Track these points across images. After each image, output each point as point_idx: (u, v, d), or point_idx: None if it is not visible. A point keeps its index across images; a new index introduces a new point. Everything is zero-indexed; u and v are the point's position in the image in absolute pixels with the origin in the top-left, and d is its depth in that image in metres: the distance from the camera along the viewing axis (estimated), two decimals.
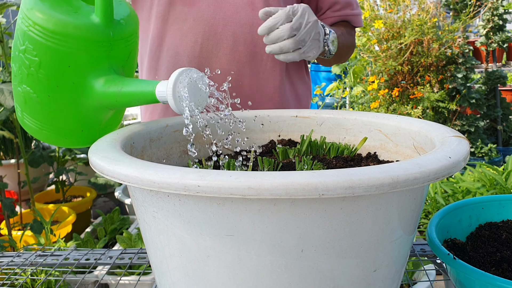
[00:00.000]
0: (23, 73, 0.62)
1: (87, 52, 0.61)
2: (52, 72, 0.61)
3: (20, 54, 0.62)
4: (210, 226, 0.45)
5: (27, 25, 0.60)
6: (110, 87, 0.62)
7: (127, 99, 0.62)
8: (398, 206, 0.47)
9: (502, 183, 1.57)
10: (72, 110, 0.64)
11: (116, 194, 2.55)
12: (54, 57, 0.60)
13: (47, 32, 0.59)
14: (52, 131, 0.66)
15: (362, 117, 0.72)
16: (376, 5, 3.11)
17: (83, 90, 0.62)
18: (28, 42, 0.61)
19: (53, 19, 0.60)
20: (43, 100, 0.63)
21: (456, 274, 0.61)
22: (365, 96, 3.36)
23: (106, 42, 0.62)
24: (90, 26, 0.61)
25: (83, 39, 0.60)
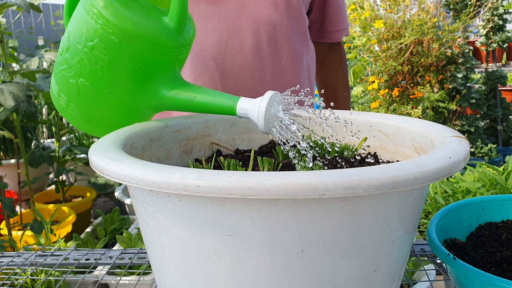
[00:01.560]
0: (84, 68, 0.61)
1: (159, 56, 0.61)
2: (120, 72, 0.61)
3: (85, 49, 0.60)
4: (210, 226, 0.45)
5: (101, 23, 0.59)
6: (180, 94, 0.62)
7: (198, 107, 0.62)
8: (398, 206, 0.47)
9: (502, 183, 1.57)
10: (130, 107, 0.64)
11: (116, 194, 2.55)
12: (126, 58, 0.60)
13: (124, 34, 0.59)
14: (100, 123, 0.66)
15: (362, 117, 0.72)
16: (376, 5, 3.11)
17: (146, 91, 0.63)
18: (99, 40, 0.59)
19: (133, 21, 0.59)
20: (102, 96, 0.62)
21: (456, 274, 0.61)
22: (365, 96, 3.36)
23: (177, 48, 0.62)
24: (167, 32, 0.61)
25: (159, 44, 0.60)
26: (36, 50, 2.43)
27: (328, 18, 1.15)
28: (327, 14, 1.15)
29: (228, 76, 0.99)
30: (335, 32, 1.17)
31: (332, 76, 1.25)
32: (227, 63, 0.98)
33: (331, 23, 1.16)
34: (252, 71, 0.99)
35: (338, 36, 1.19)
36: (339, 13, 1.16)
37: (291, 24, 1.01)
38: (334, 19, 1.16)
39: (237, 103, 0.60)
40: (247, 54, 0.99)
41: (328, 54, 1.24)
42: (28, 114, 2.40)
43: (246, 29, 0.98)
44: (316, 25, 1.17)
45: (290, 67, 1.04)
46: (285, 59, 1.03)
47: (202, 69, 0.99)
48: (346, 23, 1.19)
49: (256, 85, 1.00)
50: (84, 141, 3.22)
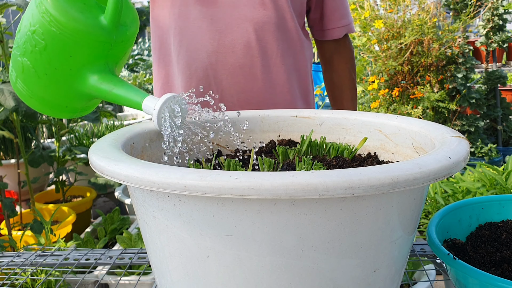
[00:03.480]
0: (27, 48, 0.68)
1: (89, 49, 0.67)
2: (54, 57, 0.67)
3: (28, 32, 0.68)
4: (210, 226, 0.45)
5: (42, 12, 0.66)
6: (102, 84, 0.69)
7: (115, 99, 0.69)
8: (398, 206, 0.47)
9: (502, 183, 1.57)
10: (63, 90, 0.71)
11: (116, 194, 2.55)
12: (59, 45, 0.67)
13: (59, 24, 0.65)
14: (40, 101, 0.73)
15: (362, 117, 0.72)
16: (376, 5, 3.11)
17: (77, 78, 0.69)
18: (39, 26, 0.66)
19: (68, 14, 0.65)
20: (40, 75, 0.69)
21: (456, 274, 0.61)
22: (365, 96, 3.36)
23: (107, 43, 0.69)
24: (98, 28, 0.67)
25: (88, 37, 0.67)
26: None
27: (326, 16, 1.20)
28: (325, 12, 1.20)
29: (221, 72, 1.06)
30: (334, 29, 1.22)
31: (338, 75, 1.29)
32: (219, 60, 1.05)
33: (329, 21, 1.21)
34: (243, 68, 1.06)
35: (338, 33, 1.22)
36: (338, 11, 1.20)
37: (279, 23, 1.07)
38: (332, 17, 1.20)
39: (143, 100, 0.67)
40: (238, 52, 1.05)
41: (335, 53, 1.27)
42: (28, 114, 2.40)
43: (236, 29, 1.05)
44: (317, 25, 1.22)
45: (280, 63, 1.10)
46: (274, 56, 1.09)
47: (197, 66, 1.06)
48: (346, 20, 1.22)
49: (246, 81, 1.07)
50: (84, 141, 3.22)
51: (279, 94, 1.10)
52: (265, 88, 1.08)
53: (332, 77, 1.29)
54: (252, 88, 1.07)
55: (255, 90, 1.08)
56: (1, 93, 1.80)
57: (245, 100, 1.07)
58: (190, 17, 1.05)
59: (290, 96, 1.12)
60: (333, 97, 1.30)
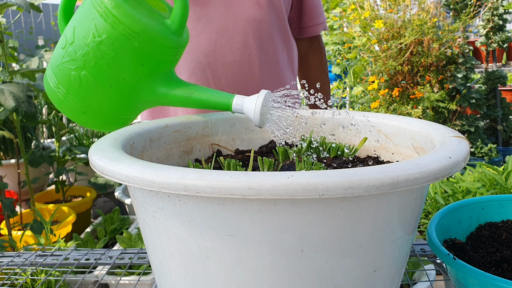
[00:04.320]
0: (89, 61, 0.65)
1: (161, 55, 0.66)
2: (124, 67, 0.65)
3: (92, 44, 0.65)
4: (210, 226, 0.45)
5: (111, 21, 0.63)
6: (177, 90, 0.68)
7: (195, 103, 0.68)
8: (398, 206, 0.47)
9: (502, 183, 1.57)
10: (126, 101, 0.69)
11: (116, 194, 2.55)
12: (131, 55, 0.65)
13: (133, 32, 0.63)
14: (94, 115, 0.70)
15: (362, 117, 0.72)
16: (376, 5, 3.11)
17: (144, 87, 0.68)
18: (108, 36, 0.64)
19: (142, 22, 0.64)
20: (104, 88, 0.67)
21: (456, 274, 0.61)
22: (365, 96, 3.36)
23: (175, 49, 0.68)
24: (170, 33, 0.67)
25: (162, 44, 0.66)
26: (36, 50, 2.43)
27: (305, 14, 1.23)
28: (304, 10, 1.23)
29: (219, 72, 1.07)
30: (313, 27, 1.25)
31: (313, 71, 1.33)
32: (217, 60, 1.06)
33: (309, 19, 1.24)
34: (241, 66, 1.07)
35: (316, 30, 1.26)
36: (315, 9, 1.24)
37: (273, 21, 1.09)
38: (311, 15, 1.24)
39: (233, 99, 0.66)
40: (236, 51, 1.07)
41: (309, 51, 1.31)
42: (28, 114, 2.40)
43: (233, 28, 1.06)
44: (295, 23, 1.25)
45: (276, 60, 1.12)
46: (271, 54, 1.11)
47: (195, 66, 1.07)
48: (323, 18, 1.27)
49: (245, 79, 1.08)
50: (84, 141, 3.22)
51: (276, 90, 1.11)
52: (263, 85, 1.10)
53: (308, 73, 1.33)
54: (250, 85, 1.08)
55: (254, 87, 1.09)
56: (1, 93, 1.80)
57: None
58: None
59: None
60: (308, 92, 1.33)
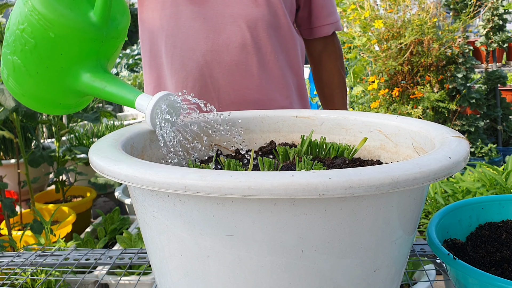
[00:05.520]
0: (17, 47, 0.67)
1: (80, 46, 0.66)
2: (45, 55, 0.66)
3: (17, 31, 0.66)
4: (210, 226, 0.45)
5: (30, 10, 0.64)
6: (95, 82, 0.68)
7: (108, 96, 0.68)
8: (398, 206, 0.47)
9: (502, 183, 1.57)
10: (55, 87, 0.70)
11: (116, 194, 2.55)
12: (49, 43, 0.65)
13: (47, 22, 0.63)
14: (32, 98, 0.72)
15: (362, 117, 0.72)
16: (376, 5, 3.11)
17: (69, 75, 0.68)
18: (28, 24, 0.64)
19: (56, 11, 0.63)
20: (31, 74, 0.68)
21: (456, 274, 0.61)
22: (365, 96, 3.36)
23: (98, 40, 0.67)
24: (88, 24, 0.66)
25: (78, 34, 0.65)
26: None
27: (314, 14, 1.21)
28: (313, 10, 1.21)
29: (217, 71, 1.06)
30: (322, 27, 1.23)
31: (328, 74, 1.29)
32: (215, 59, 1.05)
33: (318, 19, 1.22)
34: (239, 66, 1.06)
35: (326, 30, 1.23)
36: (325, 8, 1.21)
37: (271, 20, 1.08)
38: (320, 14, 1.21)
39: (136, 98, 0.66)
40: (233, 50, 1.05)
41: (324, 52, 1.28)
42: (28, 114, 2.40)
43: (230, 27, 1.05)
44: (305, 23, 1.23)
45: (275, 60, 1.10)
46: (269, 53, 1.09)
47: (193, 66, 1.06)
48: (334, 17, 1.24)
49: (243, 78, 1.07)
50: (84, 141, 3.22)
51: (275, 89, 1.11)
52: (261, 85, 1.08)
53: (322, 76, 1.29)
54: (248, 85, 1.08)
55: (252, 87, 1.08)
56: (1, 93, 1.80)
57: (242, 97, 1.08)
58: (182, 17, 1.05)
59: (286, 91, 1.13)
60: (324, 96, 1.31)
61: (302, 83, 1.21)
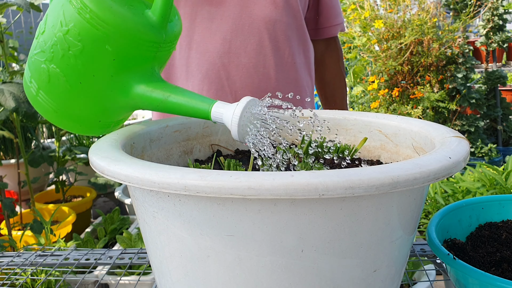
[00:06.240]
0: (57, 53, 0.57)
1: (136, 50, 0.58)
2: (93, 62, 0.57)
3: (59, 34, 0.57)
4: (210, 226, 0.45)
5: (78, 7, 0.55)
6: (154, 92, 0.59)
7: (172, 108, 0.59)
8: (398, 206, 0.47)
9: (502, 183, 1.57)
10: (100, 101, 0.60)
11: (116, 194, 2.55)
12: (100, 47, 0.56)
13: (101, 22, 0.55)
14: (67, 115, 0.62)
15: (362, 117, 0.72)
16: (376, 5, 3.11)
17: (119, 86, 0.59)
18: (74, 24, 0.56)
19: (112, 9, 0.55)
20: (72, 85, 0.59)
21: (456, 274, 0.61)
22: (365, 96, 3.36)
23: (156, 44, 0.59)
24: (148, 25, 0.58)
25: (137, 37, 0.57)
26: None
27: (322, 14, 1.20)
28: (322, 11, 1.20)
29: (234, 73, 1.04)
30: (330, 28, 1.22)
31: (330, 74, 1.29)
32: (232, 61, 1.03)
33: (326, 19, 1.21)
34: (257, 68, 1.04)
35: (334, 31, 1.23)
36: (333, 9, 1.20)
37: (289, 22, 1.06)
38: (328, 15, 1.20)
39: (212, 107, 0.57)
40: (251, 52, 1.03)
41: (326, 52, 1.28)
42: (28, 114, 2.40)
43: (248, 28, 1.03)
44: (312, 23, 1.22)
45: (292, 62, 1.09)
46: (287, 55, 1.07)
47: (208, 68, 1.03)
48: (340, 18, 1.23)
49: (260, 81, 1.05)
50: (84, 141, 3.22)
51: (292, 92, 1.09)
52: (278, 87, 1.07)
53: (324, 76, 1.29)
54: (266, 87, 1.06)
55: (269, 89, 1.06)
56: (1, 93, 1.80)
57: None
58: (198, 18, 1.03)
59: (300, 93, 1.12)
60: (325, 96, 1.31)
61: (313, 84, 1.21)
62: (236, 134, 0.56)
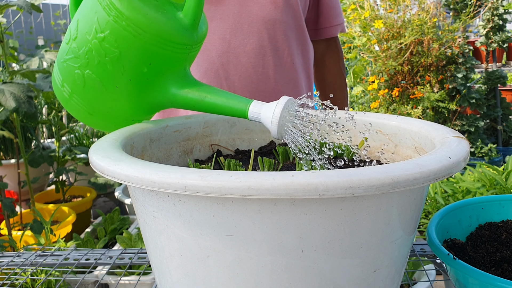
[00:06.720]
0: (92, 59, 0.59)
1: (172, 53, 0.59)
2: (129, 67, 0.59)
3: (95, 40, 0.58)
4: (210, 226, 0.45)
5: (114, 15, 0.57)
6: (190, 93, 0.61)
7: (208, 108, 0.60)
8: (398, 206, 0.47)
9: (502, 183, 1.57)
10: (135, 103, 0.62)
11: (116, 194, 2.55)
12: (137, 53, 0.58)
13: (138, 28, 0.56)
14: (103, 117, 0.64)
15: (362, 117, 0.72)
16: (376, 5, 3.11)
17: (155, 88, 0.61)
18: (110, 31, 0.57)
19: (148, 16, 0.57)
20: (108, 89, 0.60)
21: (456, 274, 0.61)
22: (365, 96, 3.36)
23: (189, 45, 0.61)
24: (182, 28, 0.59)
25: (172, 40, 0.58)
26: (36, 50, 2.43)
27: (322, 15, 1.20)
28: (322, 11, 1.19)
29: (233, 73, 1.03)
30: (330, 28, 1.21)
31: (330, 75, 1.29)
32: (231, 60, 1.02)
33: (326, 19, 1.20)
34: (256, 68, 1.04)
35: (334, 31, 1.22)
36: (333, 9, 1.20)
37: (289, 22, 1.06)
38: (329, 15, 1.20)
39: (249, 106, 0.59)
40: (250, 52, 1.03)
41: (326, 53, 1.27)
42: (28, 114, 2.41)
43: (247, 28, 1.02)
44: (312, 24, 1.21)
45: (291, 62, 1.08)
46: (286, 55, 1.07)
47: (207, 67, 1.03)
48: (341, 18, 1.23)
49: (259, 81, 1.05)
50: (84, 141, 3.22)
51: (290, 93, 1.09)
52: (277, 87, 1.06)
53: (324, 77, 1.29)
54: (265, 88, 1.05)
55: (268, 90, 1.06)
56: (1, 93, 1.80)
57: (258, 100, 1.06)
58: None
59: (299, 94, 1.12)
60: (325, 96, 1.30)
61: (312, 85, 1.21)
62: (276, 133, 0.57)
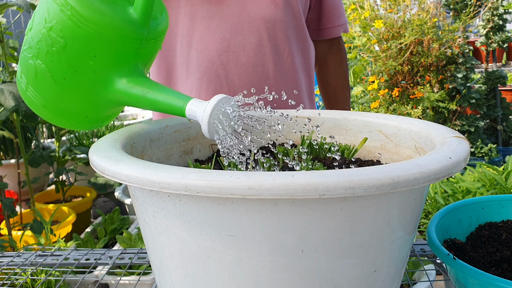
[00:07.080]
0: (42, 49, 0.59)
1: (117, 47, 0.59)
2: (75, 58, 0.59)
3: (43, 30, 0.58)
4: (211, 226, 0.45)
5: (61, 5, 0.57)
6: (134, 88, 0.60)
7: (150, 105, 0.60)
8: (398, 206, 0.47)
9: (502, 183, 1.57)
10: (84, 96, 0.62)
11: (116, 194, 2.55)
12: (82, 44, 0.58)
13: (82, 19, 0.56)
14: (55, 110, 0.64)
15: (362, 117, 0.72)
16: (376, 5, 3.11)
17: (102, 82, 0.60)
18: (57, 21, 0.57)
19: (92, 6, 0.56)
20: (57, 80, 0.60)
21: (456, 274, 0.61)
22: (365, 96, 3.36)
23: (138, 40, 0.60)
24: (128, 22, 0.58)
25: (117, 33, 0.58)
26: None
27: (324, 15, 1.19)
28: (324, 11, 1.19)
29: (233, 72, 1.03)
30: (332, 28, 1.21)
31: (333, 75, 1.28)
32: (230, 60, 1.03)
33: (328, 20, 1.20)
34: (255, 67, 1.04)
35: (336, 32, 1.22)
36: (335, 10, 1.19)
37: (289, 21, 1.06)
38: (331, 16, 1.19)
39: (187, 104, 0.58)
40: (250, 51, 1.03)
41: (329, 54, 1.26)
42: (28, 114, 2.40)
43: (247, 27, 1.02)
44: (314, 24, 1.21)
45: (291, 62, 1.08)
46: (286, 55, 1.07)
47: (207, 67, 1.03)
48: (343, 19, 1.22)
49: (259, 80, 1.05)
50: (84, 141, 3.22)
51: (290, 92, 1.09)
52: (277, 87, 1.06)
53: (327, 77, 1.28)
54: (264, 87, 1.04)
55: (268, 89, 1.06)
56: (1, 93, 1.80)
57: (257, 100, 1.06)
58: (197, 16, 1.02)
59: (300, 94, 1.12)
60: (328, 96, 1.30)
61: (313, 87, 1.20)
62: (207, 132, 0.57)
